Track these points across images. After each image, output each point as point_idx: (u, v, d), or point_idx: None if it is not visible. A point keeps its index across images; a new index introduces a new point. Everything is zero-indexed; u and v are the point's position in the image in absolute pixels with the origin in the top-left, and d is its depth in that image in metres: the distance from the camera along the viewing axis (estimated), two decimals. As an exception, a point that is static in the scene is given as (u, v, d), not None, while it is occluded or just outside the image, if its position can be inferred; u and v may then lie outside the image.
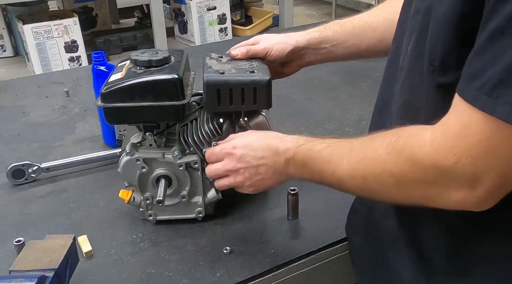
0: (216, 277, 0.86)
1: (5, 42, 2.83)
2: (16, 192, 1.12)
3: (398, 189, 0.66)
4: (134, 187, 0.95)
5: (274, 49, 0.98)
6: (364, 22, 1.00)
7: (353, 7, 4.67)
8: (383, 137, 0.68)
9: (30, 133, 1.37)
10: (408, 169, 0.63)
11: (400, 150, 0.64)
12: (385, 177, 0.66)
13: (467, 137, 0.57)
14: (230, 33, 3.14)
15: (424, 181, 0.62)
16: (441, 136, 0.60)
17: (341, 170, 0.72)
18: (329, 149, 0.75)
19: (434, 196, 0.63)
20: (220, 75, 0.87)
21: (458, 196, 0.60)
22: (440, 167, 0.60)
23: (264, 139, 0.84)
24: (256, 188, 0.86)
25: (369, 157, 0.69)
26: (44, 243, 0.81)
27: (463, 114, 0.57)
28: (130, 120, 0.93)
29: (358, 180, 0.70)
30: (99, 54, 1.20)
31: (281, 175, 0.83)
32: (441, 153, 0.59)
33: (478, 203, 0.61)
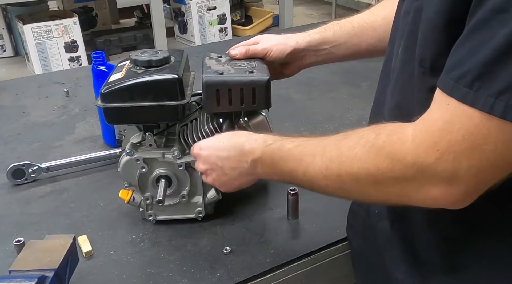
0: (216, 277, 0.87)
1: (5, 42, 2.83)
2: (16, 192, 1.12)
3: (375, 187, 0.65)
4: (134, 187, 0.96)
5: (274, 50, 0.98)
6: (363, 22, 1.00)
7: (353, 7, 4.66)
8: (360, 135, 0.67)
9: (30, 133, 1.37)
10: (388, 166, 0.62)
11: (380, 148, 0.63)
12: (362, 175, 0.65)
13: (451, 132, 0.56)
14: (230, 33, 3.14)
15: (403, 178, 0.61)
16: (424, 132, 0.59)
17: (313, 168, 0.70)
18: (300, 147, 0.73)
19: (411, 193, 0.62)
20: (219, 76, 0.87)
21: (435, 193, 0.59)
22: (422, 163, 0.58)
23: (230, 139, 0.83)
24: (227, 188, 0.86)
25: (345, 155, 0.67)
26: (44, 243, 0.81)
27: (445, 109, 0.56)
28: (130, 120, 0.93)
29: (332, 179, 0.68)
30: (99, 54, 1.20)
31: (248, 175, 0.82)
32: (424, 149, 0.58)
33: (454, 201, 0.60)
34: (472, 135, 0.55)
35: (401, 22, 0.73)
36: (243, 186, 0.85)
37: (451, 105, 0.56)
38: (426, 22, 0.63)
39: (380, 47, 0.98)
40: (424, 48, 0.64)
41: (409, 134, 0.60)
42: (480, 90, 0.53)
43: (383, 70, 0.83)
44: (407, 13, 0.70)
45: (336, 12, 4.38)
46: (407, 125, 0.62)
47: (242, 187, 0.85)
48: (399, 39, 0.73)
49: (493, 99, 0.52)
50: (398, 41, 0.74)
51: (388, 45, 0.81)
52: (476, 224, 0.67)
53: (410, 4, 0.70)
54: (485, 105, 0.53)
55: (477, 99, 0.53)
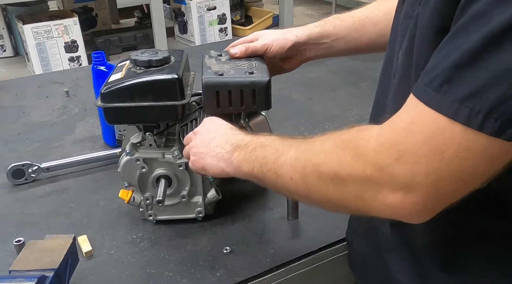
0: (216, 277, 0.87)
1: (5, 42, 2.83)
2: (16, 192, 1.12)
3: (334, 183, 0.63)
4: (134, 187, 0.96)
5: (274, 45, 0.97)
6: (364, 17, 0.99)
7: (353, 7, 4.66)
8: (336, 132, 0.66)
9: (30, 133, 1.37)
10: (350, 161, 0.60)
11: (347, 142, 0.62)
12: (324, 168, 0.63)
13: (413, 134, 0.54)
14: (230, 33, 3.14)
15: (361, 177, 0.59)
16: (388, 131, 0.58)
17: (284, 158, 0.69)
18: (284, 140, 0.73)
19: (368, 197, 0.60)
20: (219, 77, 0.87)
21: (392, 200, 0.57)
22: (381, 162, 0.57)
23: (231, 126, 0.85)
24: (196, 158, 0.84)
25: (315, 148, 0.67)
26: (44, 243, 0.81)
27: (413, 110, 0.55)
28: (130, 120, 0.93)
29: (297, 171, 0.67)
30: (99, 54, 1.20)
31: (221, 160, 0.80)
32: (385, 147, 0.57)
33: (411, 211, 0.57)
34: (433, 139, 0.53)
35: (401, 25, 0.73)
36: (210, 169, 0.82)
37: (418, 107, 0.54)
38: (420, 31, 0.63)
39: (380, 43, 0.97)
40: (419, 57, 0.63)
41: (374, 132, 0.60)
42: (447, 94, 0.52)
43: (383, 71, 0.82)
44: (409, 17, 0.70)
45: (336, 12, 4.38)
46: (375, 126, 0.61)
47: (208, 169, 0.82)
48: (400, 42, 0.73)
49: (458, 104, 0.51)
50: (398, 44, 0.73)
51: (388, 46, 0.81)
52: (476, 228, 0.67)
53: (410, 8, 0.69)
54: (450, 110, 0.51)
55: (442, 104, 0.52)
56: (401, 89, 0.72)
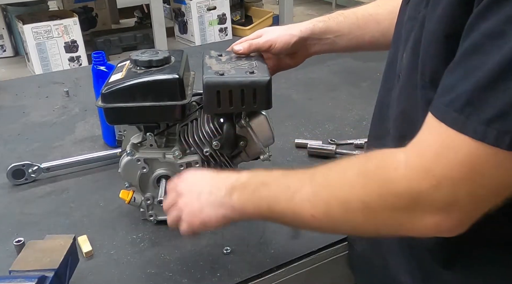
0: (216, 277, 0.87)
1: (5, 42, 2.83)
2: (16, 192, 1.12)
3: (365, 215, 0.61)
4: (134, 187, 0.96)
5: (278, 41, 0.97)
6: (368, 15, 0.99)
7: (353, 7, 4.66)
8: (352, 161, 0.65)
9: (30, 133, 1.37)
10: (379, 192, 0.59)
11: (372, 173, 0.60)
12: (352, 201, 0.61)
13: (447, 159, 0.54)
14: (230, 33, 3.14)
15: (395, 206, 0.58)
16: (417, 156, 0.56)
17: (301, 196, 0.65)
18: (288, 174, 0.69)
19: (404, 223, 0.59)
20: (219, 77, 0.87)
21: (431, 222, 0.57)
22: (416, 190, 0.56)
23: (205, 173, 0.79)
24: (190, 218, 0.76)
25: (336, 180, 0.63)
26: (44, 243, 0.81)
27: (438, 133, 0.55)
28: (131, 121, 0.93)
29: (320, 207, 0.63)
30: (99, 54, 1.20)
31: (220, 206, 0.73)
32: (419, 175, 0.55)
33: (451, 228, 0.58)
34: (469, 162, 0.53)
35: (405, 26, 0.72)
36: (210, 221, 0.74)
37: (442, 129, 0.54)
38: (427, 35, 0.63)
39: (383, 41, 0.96)
40: (425, 62, 0.63)
41: (401, 160, 0.58)
42: (471, 116, 0.52)
43: (386, 72, 0.82)
44: (413, 19, 0.70)
45: (336, 12, 4.37)
46: (399, 151, 0.59)
47: (208, 221, 0.74)
48: (404, 43, 0.73)
49: (484, 127, 0.51)
50: (402, 45, 0.73)
51: (391, 46, 0.81)
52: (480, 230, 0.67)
53: (415, 9, 0.69)
54: (477, 133, 0.52)
55: (468, 126, 0.52)
56: (405, 90, 0.72)
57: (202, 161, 0.94)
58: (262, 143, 0.95)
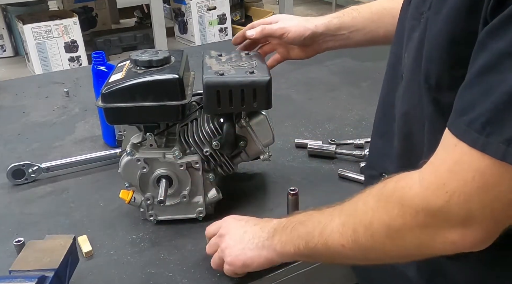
0: (216, 277, 0.86)
1: (5, 42, 2.83)
2: (16, 192, 1.12)
3: (390, 238, 0.63)
4: (134, 187, 0.96)
5: (292, 31, 0.97)
6: (382, 9, 0.99)
7: (352, 7, 4.66)
8: (373, 188, 0.66)
9: (30, 133, 1.37)
10: (398, 213, 0.60)
11: (390, 195, 0.62)
12: (376, 225, 0.63)
13: (459, 173, 0.55)
14: (230, 33, 3.14)
15: (415, 225, 0.60)
16: (431, 174, 0.58)
17: (330, 228, 0.68)
18: (322, 210, 0.73)
19: (428, 241, 0.60)
20: (219, 77, 0.87)
21: (453, 237, 0.58)
22: (432, 207, 0.57)
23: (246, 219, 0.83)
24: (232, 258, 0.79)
25: (359, 208, 0.66)
26: (44, 243, 0.81)
27: (453, 150, 0.56)
28: (131, 121, 0.93)
29: (348, 236, 0.66)
30: (99, 54, 1.20)
31: (263, 248, 0.77)
32: (432, 191, 0.57)
33: (474, 243, 0.58)
34: (483, 176, 0.54)
35: (407, 26, 0.73)
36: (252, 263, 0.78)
37: (459, 147, 0.55)
38: (430, 40, 0.63)
39: None
40: (429, 65, 0.64)
41: (416, 178, 0.59)
42: (491, 136, 0.52)
43: (389, 70, 0.82)
44: (415, 19, 0.70)
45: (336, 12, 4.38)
46: (414, 172, 0.61)
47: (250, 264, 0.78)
48: (406, 43, 0.73)
49: (505, 146, 0.51)
50: (405, 44, 0.74)
51: (393, 45, 0.81)
52: None
53: (417, 10, 0.70)
54: (497, 153, 0.52)
55: (488, 146, 0.52)
56: (409, 90, 0.73)
57: (202, 161, 0.94)
58: (262, 143, 0.96)
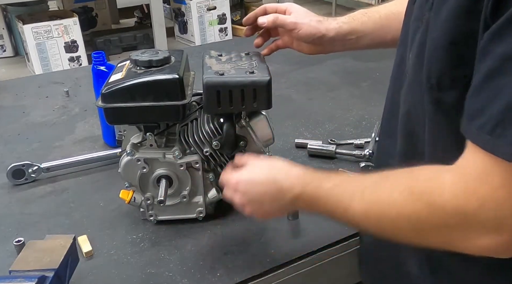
0: (216, 277, 0.87)
1: (5, 42, 2.83)
2: (16, 192, 1.12)
3: (415, 233, 0.64)
4: (134, 187, 0.96)
5: (303, 29, 0.97)
6: (390, 13, 1.00)
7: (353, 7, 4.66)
8: (397, 179, 0.66)
9: (30, 133, 1.37)
10: (427, 214, 0.61)
11: (418, 196, 0.62)
12: (402, 221, 0.64)
13: (487, 181, 0.56)
14: (230, 33, 3.14)
15: (445, 226, 0.60)
16: (462, 180, 0.59)
17: (353, 211, 0.69)
18: (338, 188, 0.72)
19: (457, 241, 0.61)
20: (219, 77, 0.87)
21: (484, 242, 0.58)
22: (464, 212, 0.58)
23: (268, 173, 0.80)
24: (266, 218, 0.86)
25: (383, 200, 0.66)
26: (44, 243, 0.81)
27: (477, 157, 0.56)
28: (131, 121, 0.93)
29: (372, 223, 0.69)
30: (99, 54, 1.20)
31: (288, 207, 0.81)
32: (463, 198, 0.58)
33: (505, 249, 0.59)
34: (509, 183, 0.55)
35: (412, 27, 0.74)
36: (283, 214, 0.87)
37: (480, 154, 0.56)
38: (431, 41, 0.64)
39: None
40: (430, 65, 0.65)
41: (447, 183, 0.60)
42: (501, 138, 0.53)
43: (395, 70, 0.83)
44: (418, 20, 0.71)
45: (336, 12, 4.37)
46: (444, 170, 0.61)
47: (282, 215, 0.87)
48: (410, 44, 0.74)
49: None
50: (409, 45, 0.75)
51: (399, 46, 0.81)
52: None
53: (420, 11, 0.70)
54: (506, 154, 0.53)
55: (499, 147, 0.53)
56: (411, 90, 0.74)
57: (202, 161, 0.94)
58: (262, 143, 0.96)
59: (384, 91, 0.88)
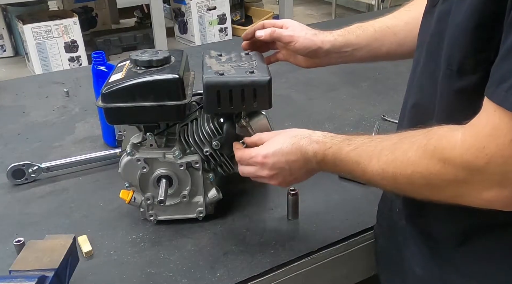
0: (216, 277, 0.87)
1: (5, 42, 2.83)
2: (16, 192, 1.12)
3: (429, 188, 0.67)
4: (134, 187, 0.96)
5: (299, 42, 0.99)
6: (385, 26, 1.02)
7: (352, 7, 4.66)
8: (413, 140, 0.69)
9: (30, 133, 1.37)
10: (439, 170, 0.64)
11: (431, 152, 0.65)
12: (416, 178, 0.67)
13: (498, 137, 0.58)
14: (230, 33, 3.15)
15: (455, 181, 0.63)
16: (472, 136, 0.61)
17: (371, 170, 0.73)
18: (358, 150, 0.76)
19: (465, 194, 0.64)
20: (219, 77, 0.87)
21: (489, 195, 0.61)
22: (472, 167, 0.60)
23: (294, 142, 0.84)
24: (289, 184, 0.89)
25: (399, 159, 0.69)
26: (44, 243, 0.81)
27: (493, 115, 0.58)
28: (131, 121, 0.93)
29: (389, 180, 0.71)
30: (99, 54, 1.20)
31: (314, 171, 0.85)
32: (473, 153, 0.60)
33: (506, 203, 0.61)
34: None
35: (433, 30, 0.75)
36: (307, 178, 0.88)
37: (498, 112, 0.58)
38: (455, 26, 0.65)
39: (399, 52, 1.00)
40: (452, 51, 0.66)
41: (458, 139, 0.62)
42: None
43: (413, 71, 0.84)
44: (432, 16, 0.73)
45: (336, 12, 4.38)
46: (456, 129, 0.63)
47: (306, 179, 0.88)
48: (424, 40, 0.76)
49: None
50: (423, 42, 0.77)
51: (416, 51, 0.82)
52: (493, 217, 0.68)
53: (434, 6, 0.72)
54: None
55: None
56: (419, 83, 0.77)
57: (202, 160, 0.94)
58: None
59: (384, 91, 0.89)
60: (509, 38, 0.57)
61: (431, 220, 0.78)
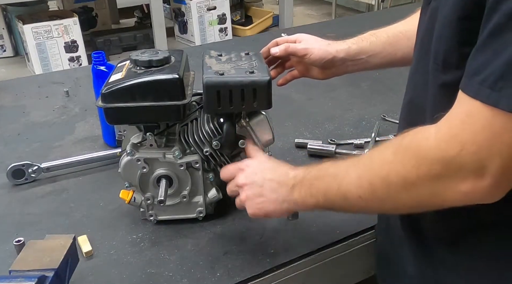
0: (216, 277, 0.87)
1: (5, 42, 2.83)
2: (16, 192, 1.12)
3: (405, 189, 0.65)
4: (134, 187, 0.96)
5: (314, 53, 1.00)
6: (398, 32, 1.03)
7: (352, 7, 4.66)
8: (389, 142, 0.69)
9: (30, 133, 1.37)
10: (414, 164, 0.63)
11: (406, 147, 0.65)
12: (392, 177, 0.65)
13: (471, 124, 0.57)
14: (230, 33, 3.15)
15: (430, 176, 0.62)
16: (445, 126, 0.61)
17: (347, 181, 0.71)
18: (337, 164, 0.75)
19: (441, 191, 0.62)
20: (219, 77, 0.87)
21: (465, 187, 0.60)
22: (446, 157, 0.60)
23: (279, 164, 0.85)
24: (258, 210, 0.83)
25: (375, 161, 0.69)
26: (44, 243, 0.81)
27: (467, 104, 0.58)
28: (131, 121, 0.93)
29: (365, 188, 0.69)
30: (99, 54, 1.20)
31: (283, 202, 0.80)
32: (446, 142, 0.59)
33: (486, 193, 0.60)
34: (492, 126, 0.56)
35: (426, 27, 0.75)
36: (274, 213, 0.83)
37: (472, 102, 0.57)
38: (441, 20, 0.66)
39: None
40: (438, 44, 0.66)
41: (432, 131, 0.62)
42: (503, 90, 0.54)
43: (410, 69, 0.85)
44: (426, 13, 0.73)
45: (336, 12, 4.38)
46: (431, 126, 0.63)
47: (271, 214, 0.83)
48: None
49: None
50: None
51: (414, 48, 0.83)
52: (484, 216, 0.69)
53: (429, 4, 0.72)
54: (507, 105, 0.54)
55: (499, 99, 0.54)
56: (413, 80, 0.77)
57: (202, 160, 0.94)
58: (262, 143, 0.96)
59: (384, 91, 0.89)
60: (485, 29, 0.57)
61: (423, 220, 0.78)
